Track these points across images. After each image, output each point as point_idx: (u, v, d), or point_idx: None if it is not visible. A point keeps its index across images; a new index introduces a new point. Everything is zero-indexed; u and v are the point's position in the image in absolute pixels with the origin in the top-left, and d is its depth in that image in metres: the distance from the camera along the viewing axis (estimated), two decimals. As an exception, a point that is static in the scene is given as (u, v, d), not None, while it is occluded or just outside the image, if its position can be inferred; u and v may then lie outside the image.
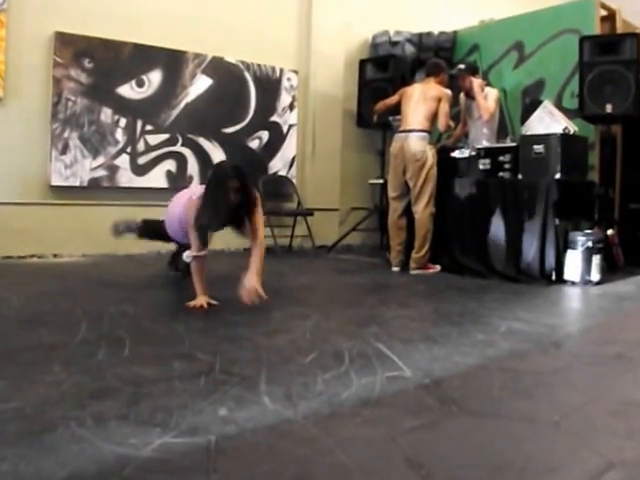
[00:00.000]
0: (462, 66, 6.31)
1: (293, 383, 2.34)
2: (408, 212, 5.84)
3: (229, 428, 1.92)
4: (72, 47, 6.11)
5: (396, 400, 2.22)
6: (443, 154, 5.94)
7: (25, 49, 5.95)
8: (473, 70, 6.27)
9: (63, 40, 6.06)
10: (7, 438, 1.80)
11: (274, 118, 7.44)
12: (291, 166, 7.57)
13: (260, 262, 3.86)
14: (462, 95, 6.36)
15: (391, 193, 5.92)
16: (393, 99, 6.17)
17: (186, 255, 3.91)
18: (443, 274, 5.63)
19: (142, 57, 6.54)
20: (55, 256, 6.08)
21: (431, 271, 5.70)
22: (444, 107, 5.72)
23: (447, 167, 5.87)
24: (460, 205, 5.80)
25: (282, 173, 7.51)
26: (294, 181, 7.56)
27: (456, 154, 5.94)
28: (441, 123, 5.76)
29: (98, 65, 6.27)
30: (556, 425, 2.01)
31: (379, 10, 8.16)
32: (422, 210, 5.66)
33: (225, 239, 6.83)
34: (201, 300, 3.81)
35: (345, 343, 2.95)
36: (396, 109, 6.12)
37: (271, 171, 7.42)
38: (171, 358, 2.65)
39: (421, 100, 5.78)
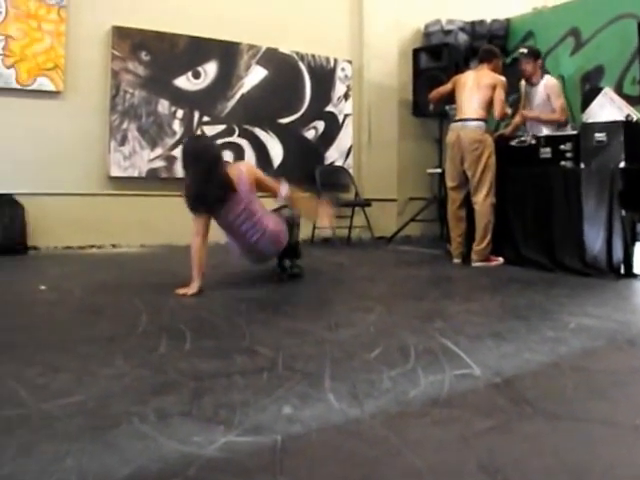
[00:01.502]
0: (524, 50, 6.06)
1: (358, 380, 2.26)
2: (468, 202, 5.70)
3: (294, 427, 1.86)
4: (129, 40, 6.21)
5: (466, 400, 2.13)
6: (502, 143, 5.77)
7: (84, 44, 6.09)
8: (536, 54, 6.03)
9: (120, 34, 6.17)
10: (71, 433, 1.78)
11: (329, 108, 7.41)
12: (347, 156, 7.50)
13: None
14: (522, 82, 6.15)
15: (449, 183, 5.78)
16: (447, 87, 6.00)
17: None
18: (506, 266, 5.47)
19: (198, 49, 6.60)
20: (114, 246, 6.19)
21: (494, 263, 5.55)
22: (499, 94, 5.54)
23: (507, 156, 5.68)
24: (521, 195, 5.61)
25: (338, 163, 7.45)
26: (351, 171, 7.49)
27: (515, 143, 5.75)
28: (497, 111, 5.57)
29: (155, 58, 6.36)
30: (637, 429, 1.89)
31: (431, -2, 8.05)
32: (482, 201, 5.50)
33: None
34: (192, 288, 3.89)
35: (410, 338, 2.87)
36: (451, 97, 5.97)
37: (327, 161, 7.37)
38: (232, 352, 2.61)
39: (475, 88, 5.62)
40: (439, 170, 7.12)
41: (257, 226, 4.10)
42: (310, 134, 7.25)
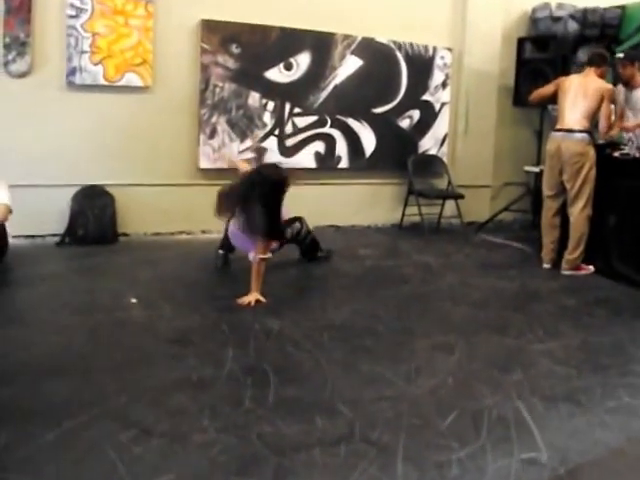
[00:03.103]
0: (621, 55, 5.81)
1: (429, 462, 2.39)
2: (563, 210, 5.60)
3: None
4: (219, 33, 6.22)
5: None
6: (602, 151, 5.58)
7: (172, 38, 6.11)
8: (633, 58, 5.64)
9: (210, 27, 6.18)
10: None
11: (426, 97, 7.30)
12: (442, 144, 7.45)
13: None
14: (620, 86, 5.88)
15: (546, 192, 5.69)
16: (548, 89, 5.79)
17: (252, 256, 4.42)
18: (595, 278, 5.40)
19: (290, 40, 6.56)
20: (203, 232, 6.35)
21: (583, 272, 5.51)
22: (607, 108, 5.35)
23: (608, 168, 5.47)
24: (621, 208, 5.42)
25: (432, 152, 7.41)
26: (445, 159, 7.45)
27: (619, 155, 5.53)
28: (602, 126, 5.42)
29: (245, 50, 6.35)
30: None
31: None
32: (578, 213, 5.41)
33: (373, 215, 6.91)
34: (251, 297, 4.27)
35: (486, 398, 2.96)
36: (553, 99, 5.78)
37: (421, 150, 7.36)
38: (313, 410, 2.77)
39: (580, 95, 5.42)
40: (537, 169, 6.95)
41: None
42: (405, 123, 7.20)
